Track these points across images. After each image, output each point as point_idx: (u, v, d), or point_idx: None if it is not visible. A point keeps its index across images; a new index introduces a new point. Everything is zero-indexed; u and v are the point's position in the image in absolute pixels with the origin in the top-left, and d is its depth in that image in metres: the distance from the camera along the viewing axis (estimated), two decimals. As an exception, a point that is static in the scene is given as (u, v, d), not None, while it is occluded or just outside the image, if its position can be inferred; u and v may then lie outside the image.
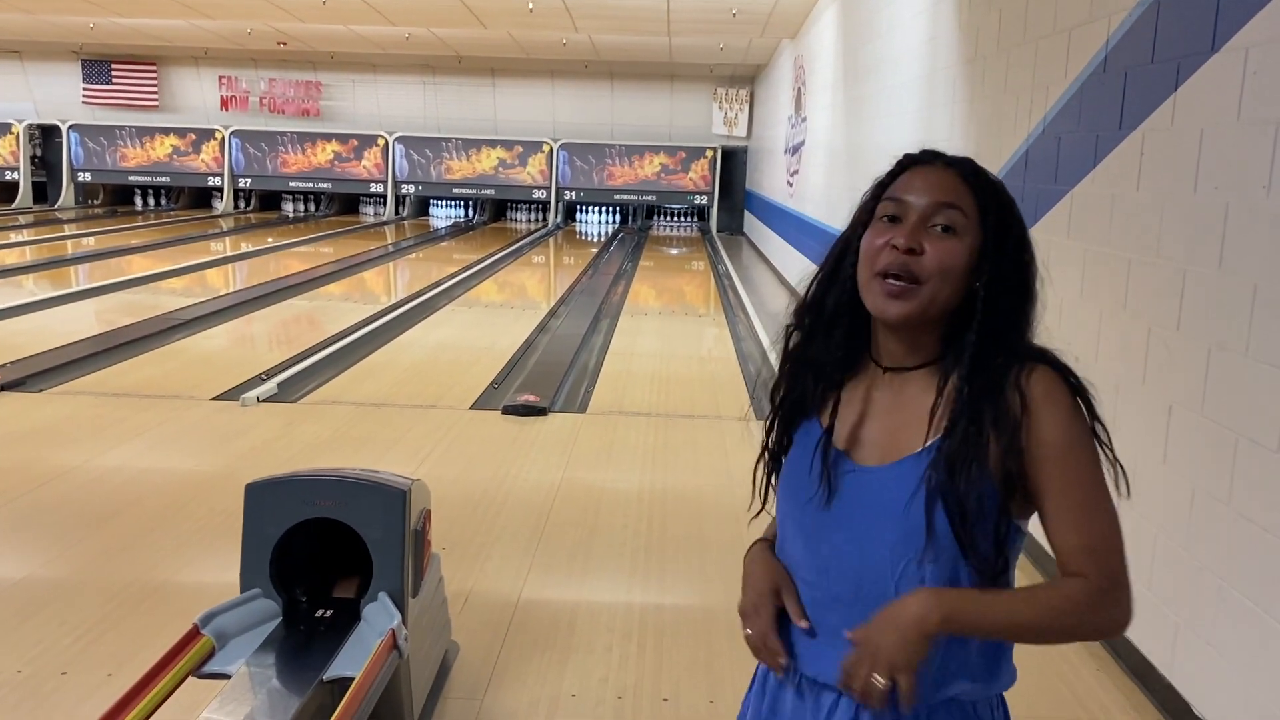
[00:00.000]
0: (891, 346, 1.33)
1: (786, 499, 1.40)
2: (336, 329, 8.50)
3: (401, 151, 20.11)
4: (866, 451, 1.33)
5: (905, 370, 1.33)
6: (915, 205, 1.29)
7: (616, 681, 3.09)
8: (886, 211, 1.31)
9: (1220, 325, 2.75)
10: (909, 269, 1.26)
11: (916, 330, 1.30)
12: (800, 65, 12.44)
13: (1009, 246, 1.30)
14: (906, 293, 1.26)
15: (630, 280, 12.70)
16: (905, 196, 1.30)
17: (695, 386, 6.98)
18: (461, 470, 5.03)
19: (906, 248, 1.26)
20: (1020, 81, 4.47)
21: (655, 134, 19.95)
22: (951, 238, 1.27)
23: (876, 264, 1.28)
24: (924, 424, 1.28)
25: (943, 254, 1.26)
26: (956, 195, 1.29)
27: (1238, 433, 2.66)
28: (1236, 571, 2.65)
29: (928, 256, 1.26)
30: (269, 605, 2.57)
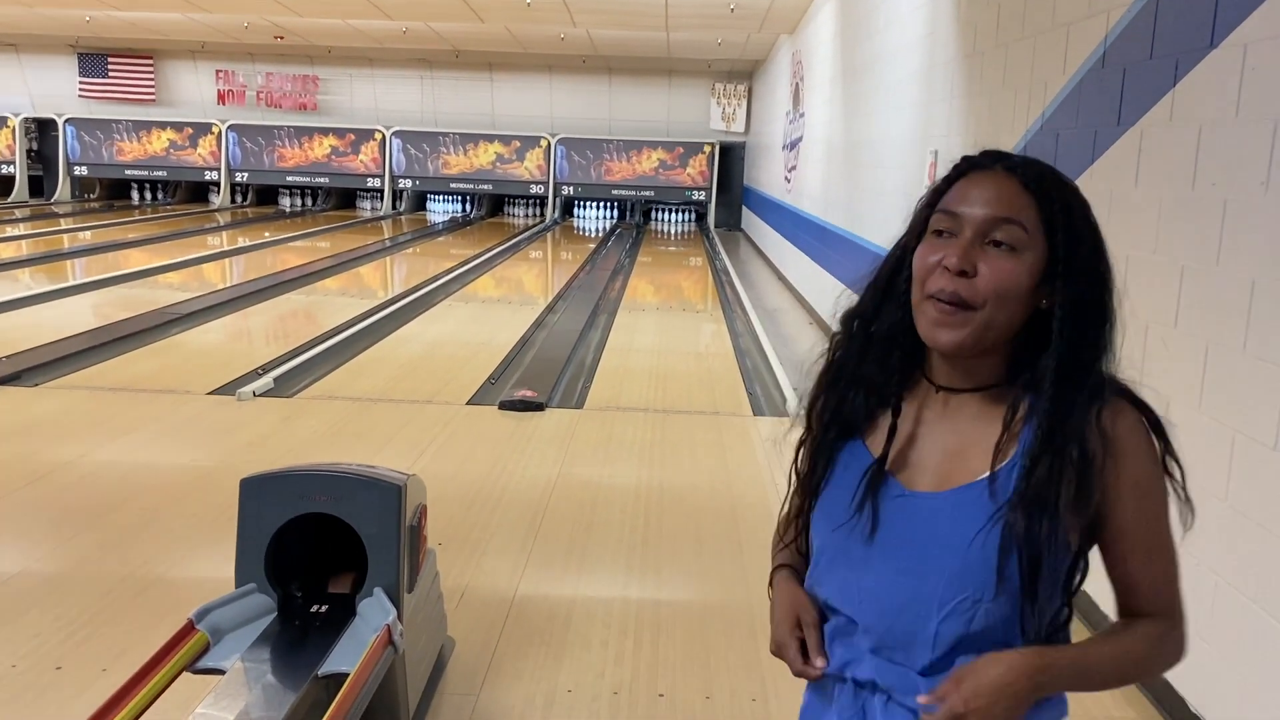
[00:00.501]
0: (947, 367, 1.23)
1: (826, 527, 1.28)
2: (333, 324, 8.48)
3: (399, 146, 20.08)
4: (917, 475, 1.22)
5: (962, 392, 1.23)
6: (969, 219, 1.16)
7: (612, 677, 3.09)
8: (939, 225, 1.19)
9: (1217, 322, 2.75)
10: (959, 294, 1.15)
11: (976, 356, 1.20)
12: (798, 61, 12.42)
13: (1080, 262, 1.16)
14: (958, 319, 1.15)
15: (628, 276, 12.69)
16: (959, 209, 1.17)
17: (692, 382, 6.97)
18: (458, 466, 5.02)
19: (958, 269, 1.14)
20: (1019, 77, 4.46)
21: (653, 129, 19.93)
22: (1009, 257, 1.14)
23: (928, 286, 1.17)
24: (987, 452, 1.18)
25: (999, 276, 1.14)
26: (1016, 207, 1.15)
27: (1235, 429, 2.66)
28: (1233, 569, 2.65)
29: (982, 279, 1.14)
30: (264, 600, 2.56)
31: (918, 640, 1.19)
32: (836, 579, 1.27)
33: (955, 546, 1.17)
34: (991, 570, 1.15)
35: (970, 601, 1.16)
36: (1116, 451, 1.15)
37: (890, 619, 1.21)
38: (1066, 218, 1.16)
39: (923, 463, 1.23)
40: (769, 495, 4.74)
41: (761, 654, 3.25)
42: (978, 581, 1.16)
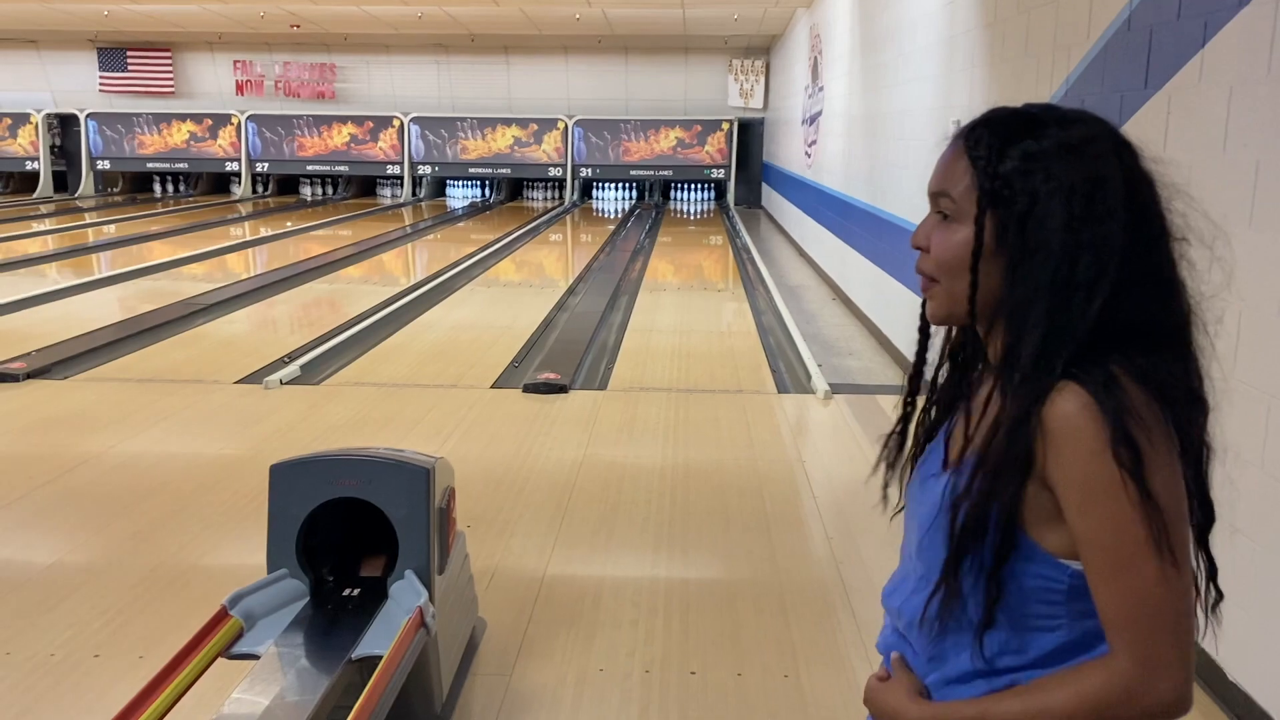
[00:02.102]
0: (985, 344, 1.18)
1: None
2: (357, 311, 8.51)
3: (417, 132, 20.08)
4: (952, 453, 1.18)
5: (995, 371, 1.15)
6: (929, 194, 1.16)
7: (643, 655, 3.09)
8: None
9: (1252, 285, 2.70)
10: (920, 268, 1.16)
11: (972, 327, 1.17)
12: (816, 34, 12.31)
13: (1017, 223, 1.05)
14: (927, 291, 1.16)
15: (648, 256, 12.66)
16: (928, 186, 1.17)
17: (715, 361, 6.95)
18: (484, 448, 5.03)
19: (915, 245, 1.16)
20: (1041, 44, 4.39)
21: (671, 108, 19.83)
22: (945, 226, 1.11)
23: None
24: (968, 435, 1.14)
25: (937, 248, 1.12)
26: (949, 177, 1.11)
27: (1271, 394, 2.62)
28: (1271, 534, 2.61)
29: (932, 252, 1.13)
30: (296, 585, 2.58)
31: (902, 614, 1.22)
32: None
33: (922, 528, 1.17)
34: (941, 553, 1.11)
35: (928, 581, 1.14)
36: (1049, 443, 1.02)
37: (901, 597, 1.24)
38: (997, 175, 1.06)
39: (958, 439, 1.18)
40: (795, 473, 4.73)
41: (792, 631, 3.25)
42: (932, 562, 1.13)
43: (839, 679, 2.98)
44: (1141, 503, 0.98)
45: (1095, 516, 1.00)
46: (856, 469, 4.74)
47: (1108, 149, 1.07)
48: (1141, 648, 1.00)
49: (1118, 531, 0.99)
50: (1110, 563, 1.01)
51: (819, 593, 3.53)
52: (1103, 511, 0.99)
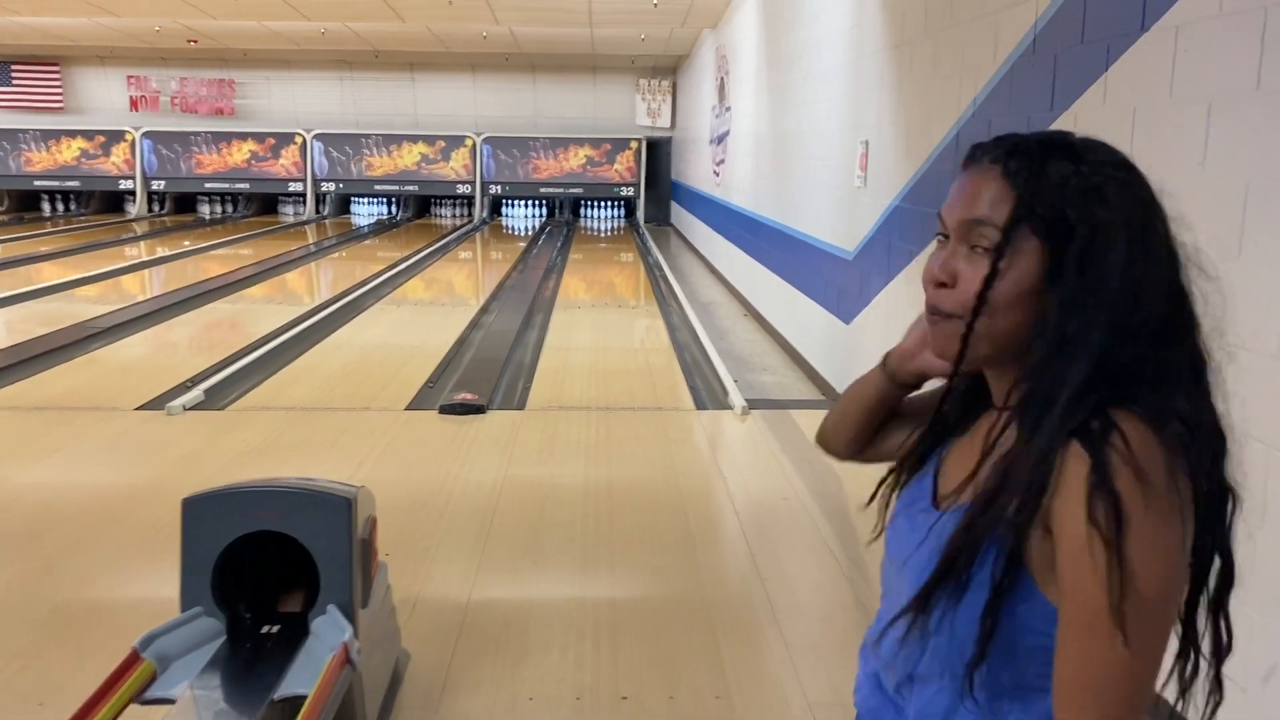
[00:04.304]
0: (990, 385, 1.10)
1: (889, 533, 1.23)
2: (262, 332, 8.28)
3: (320, 149, 19.71)
4: (943, 491, 1.12)
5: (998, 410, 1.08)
6: (949, 224, 1.04)
7: (574, 682, 3.04)
8: (938, 230, 1.07)
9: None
10: (937, 305, 1.04)
11: (999, 367, 1.05)
12: (722, 55, 12.46)
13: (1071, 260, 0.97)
14: (939, 330, 1.05)
15: (561, 274, 12.61)
16: (943, 213, 1.05)
17: (633, 379, 6.94)
18: (401, 473, 4.92)
19: (936, 281, 1.04)
20: (948, 65, 4.50)
21: (579, 126, 19.85)
22: (981, 259, 1.00)
23: (926, 297, 1.07)
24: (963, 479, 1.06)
25: (969, 282, 1.01)
26: (988, 204, 1.00)
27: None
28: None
29: (959, 288, 1.02)
30: (212, 624, 2.47)
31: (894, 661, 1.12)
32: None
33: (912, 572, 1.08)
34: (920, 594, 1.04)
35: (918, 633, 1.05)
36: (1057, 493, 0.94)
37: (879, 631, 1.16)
38: (1051, 204, 0.98)
39: (950, 479, 1.12)
40: (716, 489, 4.74)
41: (722, 651, 3.24)
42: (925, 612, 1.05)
43: (770, 698, 2.97)
44: (1108, 570, 0.89)
45: (1081, 576, 0.92)
46: (776, 484, 4.77)
47: (1141, 177, 1.03)
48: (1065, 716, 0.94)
49: (1078, 592, 0.92)
50: (1066, 623, 0.94)
51: (746, 610, 3.53)
52: (1087, 577, 0.91)
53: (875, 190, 5.57)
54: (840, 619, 3.48)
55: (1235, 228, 2.49)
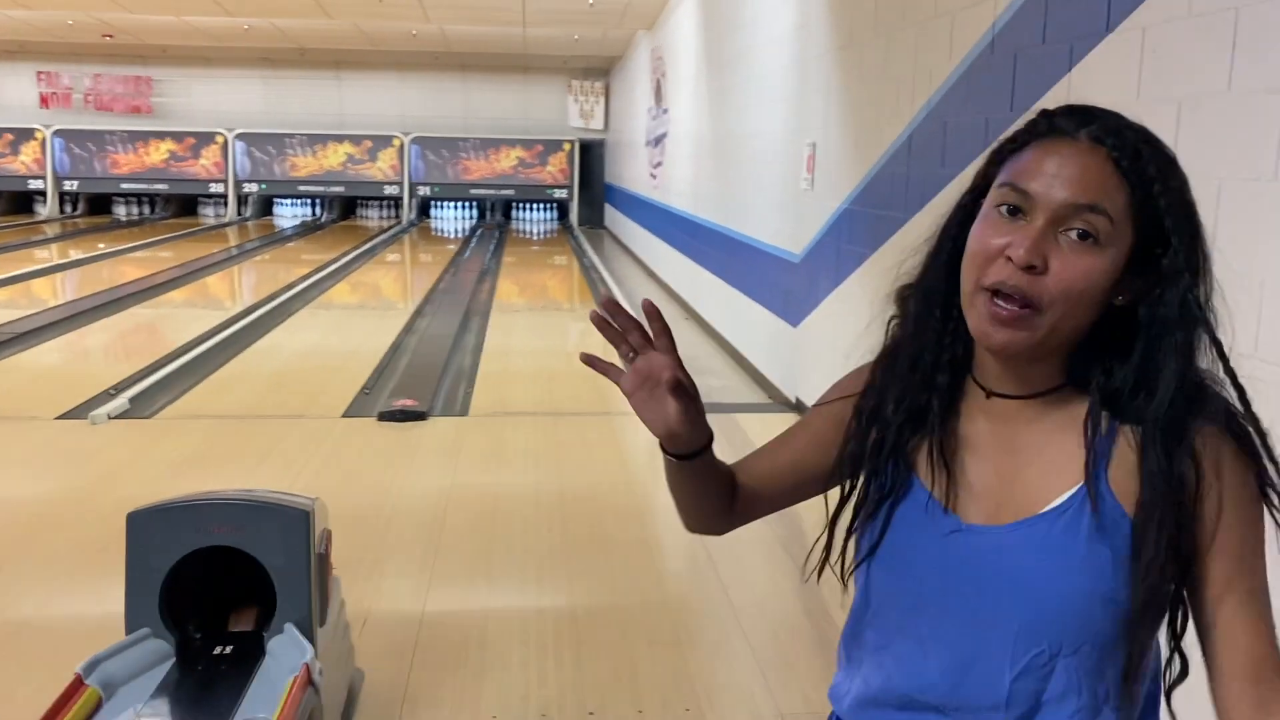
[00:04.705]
0: (1000, 370, 1.03)
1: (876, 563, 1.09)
2: (186, 338, 7.97)
3: (242, 149, 19.21)
4: (971, 503, 1.03)
5: (1015, 398, 1.03)
6: (1044, 202, 0.94)
7: (538, 698, 2.94)
8: (1005, 200, 0.97)
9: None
10: (1024, 291, 0.94)
11: (1032, 359, 1.00)
12: (659, 56, 12.42)
13: (1179, 252, 0.96)
14: (1018, 320, 0.95)
15: (496, 277, 12.44)
16: (1030, 186, 0.95)
17: (578, 383, 6.83)
18: (342, 483, 4.75)
19: (1025, 264, 0.94)
20: (900, 67, 4.49)
21: (511, 127, 19.66)
22: (1089, 251, 0.94)
23: (987, 275, 0.96)
24: (1051, 474, 1.00)
25: (1074, 275, 0.93)
26: (1103, 191, 0.93)
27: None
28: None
29: (1053, 276, 0.94)
30: (160, 646, 2.32)
31: (988, 702, 1.01)
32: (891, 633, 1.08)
33: (1027, 591, 0.98)
34: (1073, 617, 0.97)
35: (1047, 655, 0.98)
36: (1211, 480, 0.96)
37: (955, 677, 1.02)
38: (1167, 203, 0.95)
39: (974, 486, 1.04)
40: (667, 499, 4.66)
41: (688, 662, 3.16)
42: (1055, 632, 0.98)
43: (741, 709, 2.90)
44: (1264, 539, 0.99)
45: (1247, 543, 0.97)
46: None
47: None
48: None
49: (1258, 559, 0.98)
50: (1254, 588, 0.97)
51: (710, 619, 3.46)
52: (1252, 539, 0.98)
53: (823, 193, 5.55)
54: (806, 627, 3.42)
55: (1208, 228, 2.48)
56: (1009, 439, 1.04)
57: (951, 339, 1.05)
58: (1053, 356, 1.01)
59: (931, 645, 1.04)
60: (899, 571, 1.06)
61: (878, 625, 1.09)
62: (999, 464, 1.04)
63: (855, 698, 1.11)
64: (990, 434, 1.04)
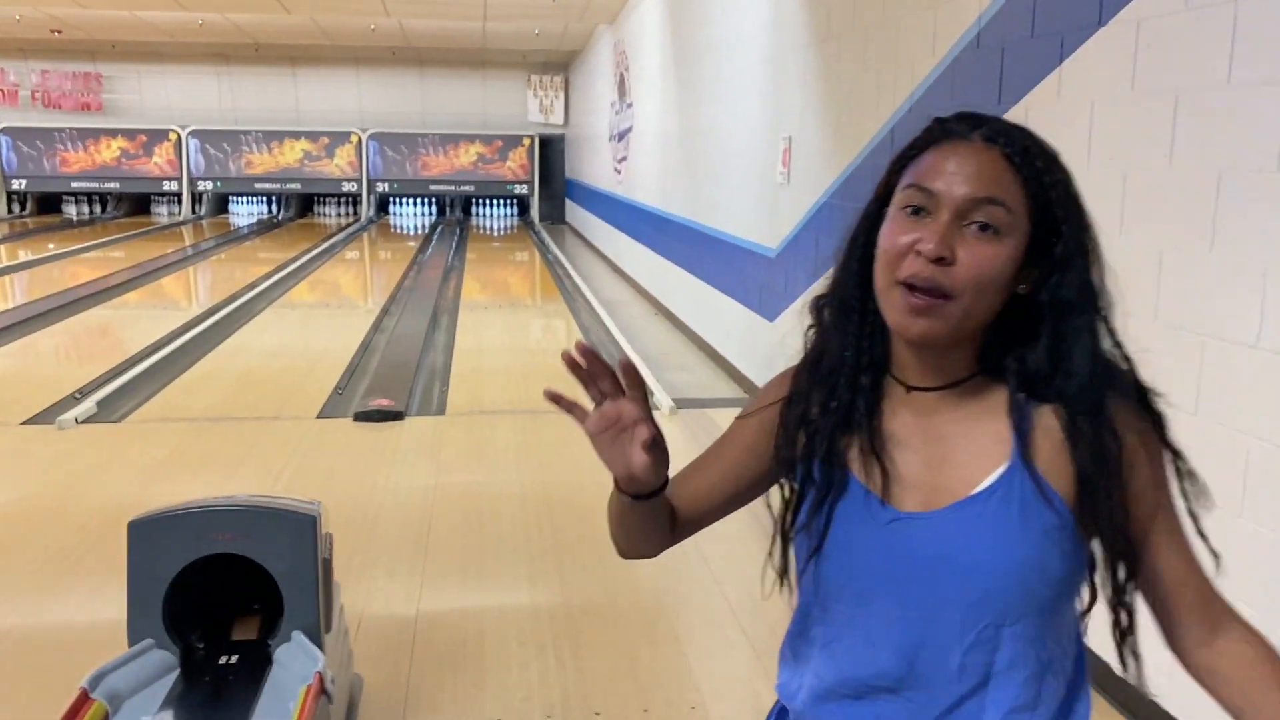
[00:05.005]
0: (918, 364, 1.10)
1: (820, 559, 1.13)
2: (148, 339, 7.82)
3: (196, 146, 18.89)
4: (903, 493, 1.09)
5: (934, 390, 1.10)
6: (947, 198, 1.02)
7: (541, 699, 2.91)
8: (910, 201, 1.04)
9: (1128, 293, 2.81)
10: (937, 281, 1.01)
11: (948, 346, 1.07)
12: (622, 51, 12.37)
13: (1072, 242, 1.05)
14: (934, 309, 1.02)
15: (461, 274, 12.34)
16: (933, 185, 1.03)
17: (553, 380, 6.65)
18: (323, 484, 4.67)
19: (935, 256, 1.01)
20: (881, 61, 4.50)
21: (470, 122, 19.51)
22: (991, 241, 1.01)
23: (900, 270, 1.03)
24: (978, 458, 1.06)
25: (980, 263, 1.01)
26: (999, 185, 1.02)
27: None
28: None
29: (960, 266, 1.01)
30: (164, 657, 2.26)
31: (941, 678, 1.07)
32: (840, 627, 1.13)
33: (969, 569, 1.04)
34: (1014, 589, 1.04)
35: (993, 628, 1.05)
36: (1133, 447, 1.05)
37: (908, 660, 1.08)
38: (1056, 194, 1.04)
39: (906, 477, 1.09)
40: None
41: (689, 658, 3.15)
42: (999, 605, 1.04)
43: (746, 704, 2.90)
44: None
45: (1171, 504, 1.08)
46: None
47: None
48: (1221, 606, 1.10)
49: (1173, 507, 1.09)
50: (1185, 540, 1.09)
51: (707, 615, 3.45)
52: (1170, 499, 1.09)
53: (800, 187, 5.56)
54: (802, 619, 3.42)
55: (1208, 219, 2.51)
56: (933, 429, 1.10)
57: (869, 341, 1.11)
58: (965, 347, 1.08)
59: (882, 633, 1.09)
60: (845, 566, 1.11)
61: (826, 621, 1.14)
62: (927, 453, 1.09)
63: (810, 692, 1.15)
64: (915, 427, 1.10)
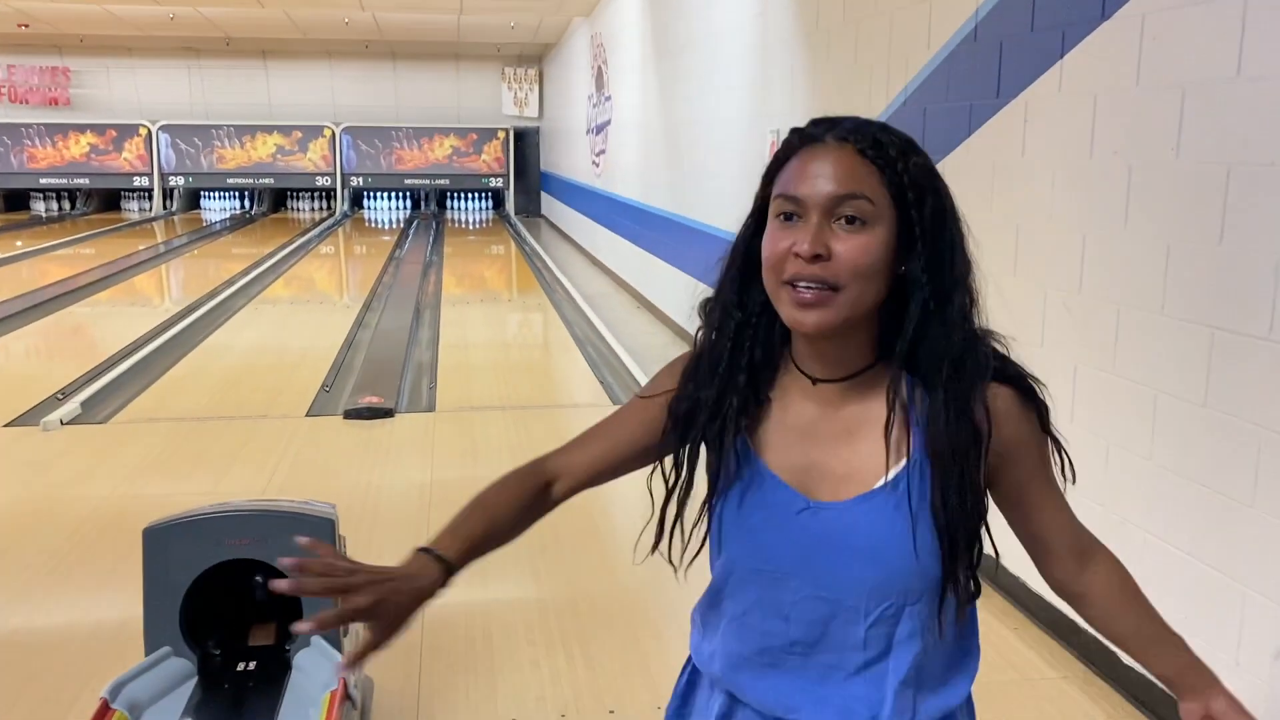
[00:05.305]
0: (817, 356, 1.16)
1: (733, 543, 1.22)
2: (128, 338, 7.72)
3: (167, 141, 18.65)
4: (814, 482, 1.17)
5: (839, 381, 1.17)
6: (812, 200, 1.08)
7: (555, 698, 2.90)
8: (781, 209, 1.11)
9: (1133, 285, 2.84)
10: (819, 276, 1.08)
11: (843, 337, 1.14)
12: (599, 44, 12.33)
13: (932, 219, 1.11)
14: (822, 300, 1.08)
15: (440, 269, 12.27)
16: (798, 191, 1.09)
17: (541, 375, 6.79)
18: (318, 482, 4.63)
19: (811, 255, 1.07)
20: (873, 54, 4.51)
21: (444, 116, 19.37)
22: (860, 231, 1.08)
23: (784, 272, 1.10)
24: (881, 449, 1.14)
25: (855, 253, 1.08)
26: (857, 179, 1.09)
27: (1155, 389, 2.75)
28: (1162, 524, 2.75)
29: (837, 259, 1.08)
30: (182, 665, 2.24)
31: (848, 645, 1.18)
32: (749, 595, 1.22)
33: (874, 556, 1.14)
34: (914, 573, 1.14)
35: (895, 607, 1.16)
36: (1001, 425, 1.14)
37: (816, 633, 1.19)
38: (910, 177, 1.10)
39: (820, 467, 1.17)
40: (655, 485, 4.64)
41: (700, 653, 3.15)
42: (901, 587, 1.15)
43: (759, 700, 2.90)
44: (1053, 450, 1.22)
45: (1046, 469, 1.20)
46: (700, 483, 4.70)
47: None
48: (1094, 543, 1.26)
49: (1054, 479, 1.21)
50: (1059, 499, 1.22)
51: (713, 611, 3.45)
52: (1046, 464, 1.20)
53: (789, 179, 5.56)
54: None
55: (1217, 212, 2.53)
56: (840, 419, 1.17)
57: (751, 341, 1.19)
58: (860, 335, 1.15)
59: (792, 610, 1.18)
60: (755, 550, 1.19)
61: (737, 597, 1.23)
62: (834, 444, 1.17)
63: (725, 659, 1.25)
64: (822, 417, 1.18)
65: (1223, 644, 2.52)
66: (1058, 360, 3.15)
